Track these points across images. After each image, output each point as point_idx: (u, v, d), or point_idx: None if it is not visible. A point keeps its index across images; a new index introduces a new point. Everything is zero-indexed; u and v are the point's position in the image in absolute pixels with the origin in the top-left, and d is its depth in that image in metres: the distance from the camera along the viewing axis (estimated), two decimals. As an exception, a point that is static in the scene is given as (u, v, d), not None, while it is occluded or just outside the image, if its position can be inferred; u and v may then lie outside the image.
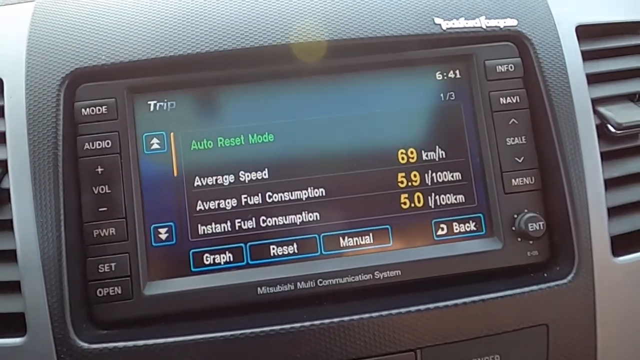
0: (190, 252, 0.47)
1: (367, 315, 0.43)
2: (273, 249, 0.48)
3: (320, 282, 0.46)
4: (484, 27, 0.50)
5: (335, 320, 0.43)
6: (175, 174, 0.48)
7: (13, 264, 0.42)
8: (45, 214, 0.43)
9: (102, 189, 0.46)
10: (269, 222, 0.48)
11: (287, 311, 0.45)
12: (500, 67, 0.50)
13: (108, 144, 0.46)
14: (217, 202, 0.48)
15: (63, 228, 0.43)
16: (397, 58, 0.50)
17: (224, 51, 0.47)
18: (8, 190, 0.44)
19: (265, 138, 0.49)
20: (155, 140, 0.48)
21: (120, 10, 0.49)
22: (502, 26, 0.50)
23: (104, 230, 0.45)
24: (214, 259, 0.47)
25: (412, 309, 0.43)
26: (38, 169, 0.44)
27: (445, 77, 0.51)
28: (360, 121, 0.49)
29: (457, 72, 0.51)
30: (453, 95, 0.50)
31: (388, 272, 0.47)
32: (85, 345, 0.42)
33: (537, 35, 0.50)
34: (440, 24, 0.49)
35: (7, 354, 0.41)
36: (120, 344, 0.42)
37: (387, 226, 0.48)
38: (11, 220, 0.43)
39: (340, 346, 0.43)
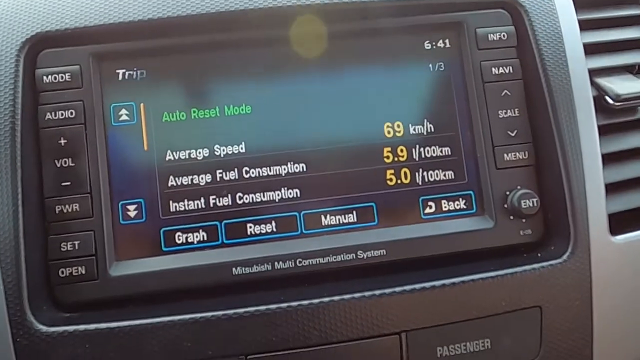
0: (162, 231, 0.44)
1: (348, 296, 0.40)
2: (250, 227, 0.45)
3: (300, 262, 0.43)
4: (476, -8, 0.47)
5: (315, 301, 0.40)
6: (145, 148, 0.44)
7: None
8: (1, 189, 0.40)
9: (65, 162, 0.42)
10: (246, 199, 0.45)
11: (263, 292, 0.42)
12: (492, 35, 0.47)
13: (72, 113, 0.43)
14: (190, 177, 0.44)
15: (20, 203, 0.40)
16: (384, 25, 0.47)
17: (198, 15, 0.44)
18: (-39, 162, 0.41)
19: (242, 109, 0.46)
20: (123, 111, 0.45)
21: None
22: (494, -8, 0.47)
23: (67, 207, 0.42)
24: (186, 237, 0.44)
25: (397, 289, 0.40)
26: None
27: (434, 47, 0.48)
28: (345, 93, 0.46)
29: (447, 41, 0.48)
30: (442, 66, 0.48)
31: (372, 251, 0.44)
32: (44, 328, 0.39)
33: (532, 2, 0.48)
34: (428, -11, 0.46)
35: (-42, 337, 0.38)
36: (82, 327, 0.39)
37: (372, 204, 0.46)
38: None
39: (320, 329, 0.40)
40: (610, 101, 0.46)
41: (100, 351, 0.39)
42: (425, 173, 0.46)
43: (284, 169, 0.45)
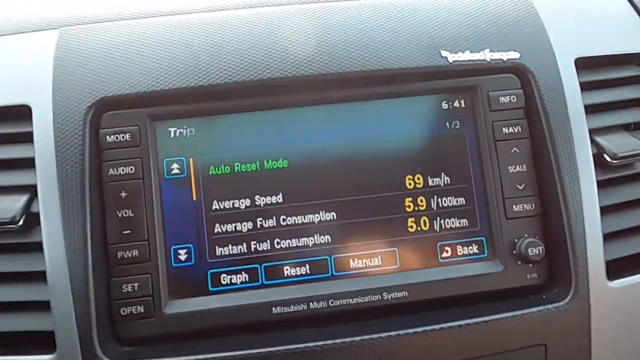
0: (209, 273, 0.49)
1: (376, 335, 0.46)
2: (287, 269, 0.50)
3: (332, 302, 0.49)
4: (488, 59, 0.52)
5: (347, 340, 0.45)
6: (194, 198, 0.50)
7: (43, 284, 0.45)
8: (72, 237, 0.45)
9: (126, 213, 0.48)
10: (283, 244, 0.50)
11: (300, 330, 0.48)
12: (503, 98, 0.52)
13: (131, 169, 0.48)
14: (234, 224, 0.50)
15: (90, 250, 0.45)
16: (406, 89, 0.52)
17: (240, 82, 0.50)
18: (38, 214, 0.46)
19: (279, 164, 0.51)
20: (175, 166, 0.50)
21: (141, 41, 0.51)
22: (505, 59, 0.53)
23: (128, 252, 0.47)
24: (230, 279, 0.50)
25: (419, 329, 0.46)
26: (66, 194, 0.46)
27: (451, 107, 0.53)
28: (370, 148, 0.52)
29: (462, 102, 0.53)
30: (458, 124, 0.53)
31: (395, 293, 0.49)
32: (113, 363, 0.44)
33: (538, 67, 0.53)
34: (446, 57, 0.52)
35: (37, 370, 0.44)
36: (148, 360, 0.45)
37: (395, 249, 0.51)
38: (41, 243, 0.45)
39: (354, 363, 0.46)
40: (608, 159, 0.52)
41: (160, 383, 0.45)
42: (442, 221, 0.52)
43: (317, 217, 0.51)
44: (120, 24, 0.53)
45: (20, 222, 0.45)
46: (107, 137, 0.49)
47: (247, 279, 0.50)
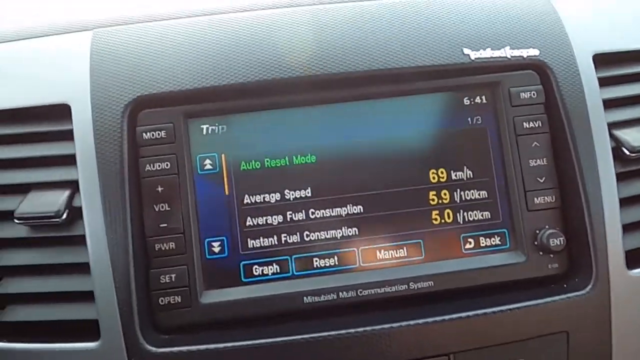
0: (241, 264, 0.51)
1: (405, 323, 0.47)
2: (316, 261, 0.52)
3: (361, 292, 0.51)
4: (509, 56, 0.54)
5: (377, 327, 0.47)
6: (226, 192, 0.52)
7: (86, 275, 0.47)
8: (114, 230, 0.47)
9: (162, 207, 0.50)
10: (312, 236, 0.52)
11: (330, 319, 0.50)
12: (523, 94, 0.54)
13: (167, 165, 0.50)
14: (264, 218, 0.52)
15: (130, 242, 0.47)
16: (429, 86, 0.54)
17: (271, 80, 0.52)
18: (80, 208, 0.48)
19: (308, 159, 0.53)
20: (208, 161, 0.52)
21: (174, 41, 0.53)
22: (525, 56, 0.54)
23: (165, 244, 0.49)
24: (262, 270, 0.52)
25: (446, 317, 0.48)
26: (106, 189, 0.48)
27: (472, 103, 0.55)
28: (395, 143, 0.54)
29: (483, 98, 0.55)
30: (479, 120, 0.55)
31: (422, 282, 0.51)
32: (153, 349, 0.46)
33: (557, 64, 0.55)
34: (468, 54, 0.54)
35: (82, 357, 0.46)
36: (184, 348, 0.47)
37: (420, 240, 0.53)
38: (83, 236, 0.47)
39: (381, 352, 0.48)
40: (627, 152, 0.53)
41: (198, 369, 0.47)
42: (465, 213, 0.54)
43: (344, 210, 0.53)
44: (153, 25, 0.55)
45: (64, 216, 0.48)
46: (144, 134, 0.51)
47: (278, 270, 0.52)
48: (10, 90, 0.53)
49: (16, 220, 0.48)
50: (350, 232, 0.52)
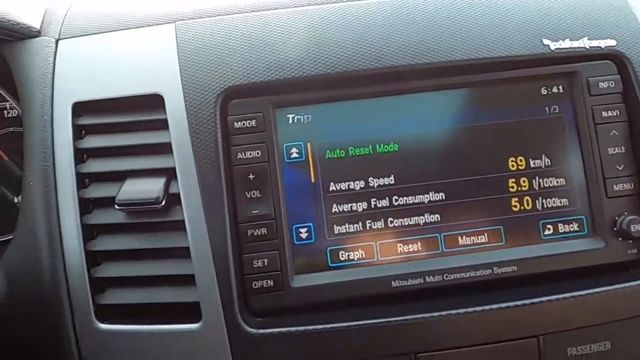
0: (328, 249, 0.53)
1: (495, 305, 0.49)
2: (400, 246, 0.53)
3: (446, 277, 0.52)
4: (587, 47, 0.55)
5: (469, 310, 0.49)
6: (312, 180, 0.53)
7: (187, 259, 0.49)
8: (213, 216, 0.49)
9: (254, 194, 0.52)
10: (396, 222, 0.54)
11: (418, 302, 0.51)
12: (602, 83, 0.55)
13: (258, 153, 0.52)
14: (349, 205, 0.53)
15: (229, 228, 0.49)
16: (509, 76, 0.55)
17: (355, 71, 0.53)
18: (176, 194, 0.50)
19: (391, 148, 0.54)
20: (294, 150, 0.54)
21: (259, 33, 0.55)
22: (603, 46, 0.55)
23: (257, 231, 0.51)
24: (348, 255, 0.53)
25: (535, 300, 0.49)
26: (204, 176, 0.50)
27: (550, 92, 0.56)
28: (475, 132, 0.55)
29: (561, 87, 0.56)
30: (557, 109, 0.56)
31: (505, 267, 0.52)
32: (253, 330, 0.48)
33: (634, 54, 0.55)
34: (548, 45, 0.55)
35: (185, 337, 0.48)
36: (280, 329, 0.48)
37: (500, 227, 0.54)
38: (182, 221, 0.49)
39: (471, 334, 0.49)
40: None
41: (294, 349, 0.48)
42: (544, 200, 0.55)
43: (427, 198, 0.54)
44: (236, 17, 0.56)
45: (163, 203, 0.49)
46: (235, 123, 0.52)
47: (364, 255, 0.53)
48: (103, 81, 0.54)
49: (116, 207, 0.49)
50: (432, 218, 0.54)
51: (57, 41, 0.59)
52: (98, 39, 0.58)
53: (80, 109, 0.54)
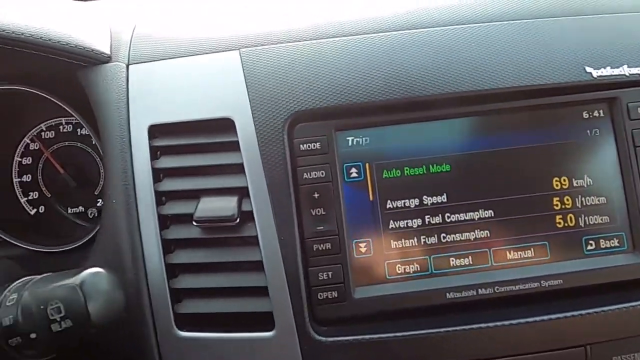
0: (385, 263, 0.57)
1: (546, 317, 0.53)
2: (452, 260, 0.57)
3: (497, 289, 0.56)
4: (627, 74, 0.59)
5: (522, 320, 0.52)
6: (371, 198, 0.57)
7: (260, 272, 0.53)
8: (284, 232, 0.53)
9: (319, 211, 0.56)
10: (449, 238, 0.57)
11: (472, 313, 0.55)
12: (640, 108, 0.59)
13: (322, 173, 0.56)
14: (405, 221, 0.57)
15: (298, 243, 0.53)
16: (554, 101, 0.59)
17: (410, 97, 0.57)
18: (248, 212, 0.54)
19: (443, 168, 0.58)
20: (354, 170, 0.58)
21: (320, 60, 0.59)
22: (641, 73, 0.59)
23: (322, 245, 0.55)
24: (404, 268, 0.57)
25: (583, 312, 0.53)
26: (274, 195, 0.54)
27: (591, 116, 0.60)
28: (521, 153, 0.59)
29: (602, 111, 0.60)
30: (598, 132, 0.60)
31: (552, 280, 0.56)
32: (322, 338, 0.52)
33: (671, 80, 0.59)
34: (591, 72, 0.59)
35: (258, 344, 0.52)
36: (347, 338, 0.52)
37: (545, 242, 0.58)
38: (255, 237, 0.53)
39: (522, 343, 0.53)
40: None
41: (360, 357, 0.52)
42: (586, 217, 0.58)
43: (477, 215, 0.58)
44: (297, 45, 0.60)
45: (238, 220, 0.53)
46: (300, 145, 0.56)
47: (419, 269, 0.57)
48: (175, 105, 0.59)
49: (194, 223, 0.53)
50: (482, 234, 0.58)
51: (127, 66, 0.63)
52: (166, 65, 0.63)
53: (155, 131, 0.58)
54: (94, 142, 0.79)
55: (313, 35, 0.61)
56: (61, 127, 0.82)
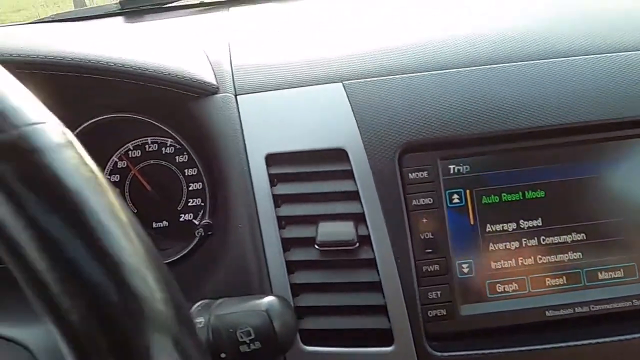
0: (487, 282, 0.61)
1: (638, 335, 0.57)
2: (548, 280, 0.62)
3: (592, 307, 0.60)
4: None
5: (622, 337, 0.57)
6: (472, 223, 0.62)
7: (378, 292, 0.57)
8: (400, 254, 0.58)
9: (427, 235, 0.60)
10: (544, 259, 0.62)
11: (570, 330, 0.59)
12: None
13: (430, 200, 0.61)
14: (504, 244, 0.62)
15: (413, 265, 0.58)
16: (621, 134, 0.63)
17: (510, 129, 0.62)
18: (366, 236, 0.59)
19: (538, 194, 0.63)
20: (455, 196, 0.62)
21: (424, 93, 0.63)
22: None
23: (431, 267, 0.60)
24: (504, 287, 0.61)
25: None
26: (390, 220, 0.59)
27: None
28: (612, 180, 0.63)
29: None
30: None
31: (643, 300, 0.61)
32: (438, 353, 0.56)
33: None
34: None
35: (379, 359, 0.56)
36: (459, 353, 0.57)
37: (634, 263, 0.62)
38: (373, 259, 0.58)
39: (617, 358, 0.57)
40: None
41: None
42: (667, 241, 0.63)
43: (570, 238, 0.62)
44: (402, 77, 0.65)
45: (357, 244, 0.58)
46: (409, 174, 0.61)
47: (517, 288, 0.61)
48: (289, 135, 0.64)
49: (316, 247, 0.58)
50: (575, 255, 0.62)
51: (235, 96, 0.68)
52: (273, 96, 0.67)
53: (271, 159, 0.63)
54: (178, 161, 0.84)
55: (415, 69, 0.66)
56: (147, 146, 0.87)
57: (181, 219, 0.84)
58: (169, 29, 1.00)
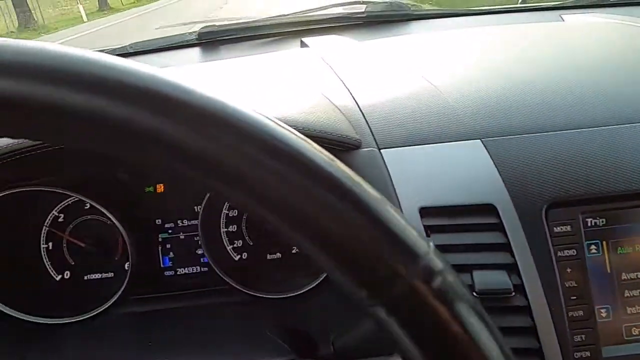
0: (623, 326, 0.67)
1: None
2: (678, 324, 0.68)
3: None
4: None
5: None
6: (608, 271, 0.68)
7: (530, 336, 0.64)
8: (553, 302, 0.64)
9: (571, 284, 0.66)
10: (671, 305, 0.68)
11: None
12: None
13: (573, 252, 0.67)
14: (638, 290, 0.68)
15: (565, 312, 0.64)
16: None
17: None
18: (519, 284, 0.65)
19: None
20: (593, 247, 0.68)
21: (563, 151, 0.70)
22: None
23: (576, 312, 0.66)
24: (638, 331, 0.67)
25: None
26: (541, 271, 0.65)
27: None
28: None
29: None
30: None
31: None
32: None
33: None
34: None
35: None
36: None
37: None
38: (526, 306, 0.64)
39: None
40: None
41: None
42: None
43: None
44: (541, 136, 0.72)
45: (513, 292, 0.64)
46: (554, 228, 0.67)
47: (648, 331, 0.68)
48: (437, 189, 0.70)
49: (475, 294, 0.65)
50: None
51: (379, 150, 0.75)
52: (416, 151, 0.74)
53: (424, 212, 0.69)
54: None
55: (551, 128, 0.72)
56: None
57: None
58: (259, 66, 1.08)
